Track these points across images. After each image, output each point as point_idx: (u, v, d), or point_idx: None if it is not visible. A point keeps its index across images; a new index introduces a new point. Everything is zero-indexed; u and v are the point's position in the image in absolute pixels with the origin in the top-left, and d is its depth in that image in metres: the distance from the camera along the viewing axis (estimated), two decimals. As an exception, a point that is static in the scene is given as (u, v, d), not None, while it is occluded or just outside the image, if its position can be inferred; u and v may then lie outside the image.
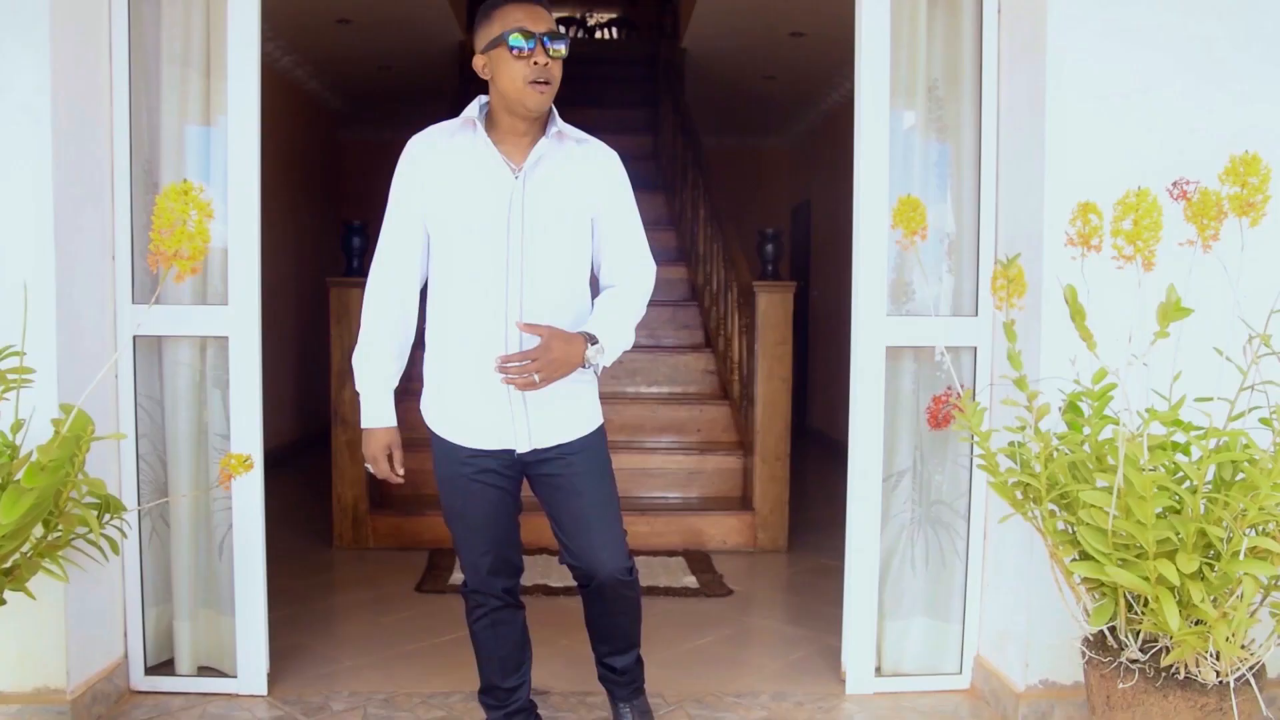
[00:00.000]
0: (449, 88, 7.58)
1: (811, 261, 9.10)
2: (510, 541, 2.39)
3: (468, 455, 2.30)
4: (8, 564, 2.06)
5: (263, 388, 2.92)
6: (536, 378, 2.12)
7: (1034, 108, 2.76)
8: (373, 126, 9.20)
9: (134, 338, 2.86)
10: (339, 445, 4.86)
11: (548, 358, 2.12)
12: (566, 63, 2.23)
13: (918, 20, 2.98)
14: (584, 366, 2.19)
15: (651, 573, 4.39)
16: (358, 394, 2.38)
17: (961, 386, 2.97)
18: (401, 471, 2.35)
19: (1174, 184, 2.13)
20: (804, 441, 7.61)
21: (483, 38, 2.20)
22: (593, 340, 2.18)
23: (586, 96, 6.66)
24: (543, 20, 2.16)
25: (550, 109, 2.26)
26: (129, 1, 2.81)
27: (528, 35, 2.12)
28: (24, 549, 2.10)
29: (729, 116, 8.94)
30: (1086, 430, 2.28)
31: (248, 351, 2.86)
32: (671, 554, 4.77)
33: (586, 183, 2.28)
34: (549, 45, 2.14)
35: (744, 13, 6.24)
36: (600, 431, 2.39)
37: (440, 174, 2.24)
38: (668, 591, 4.15)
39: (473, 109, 2.26)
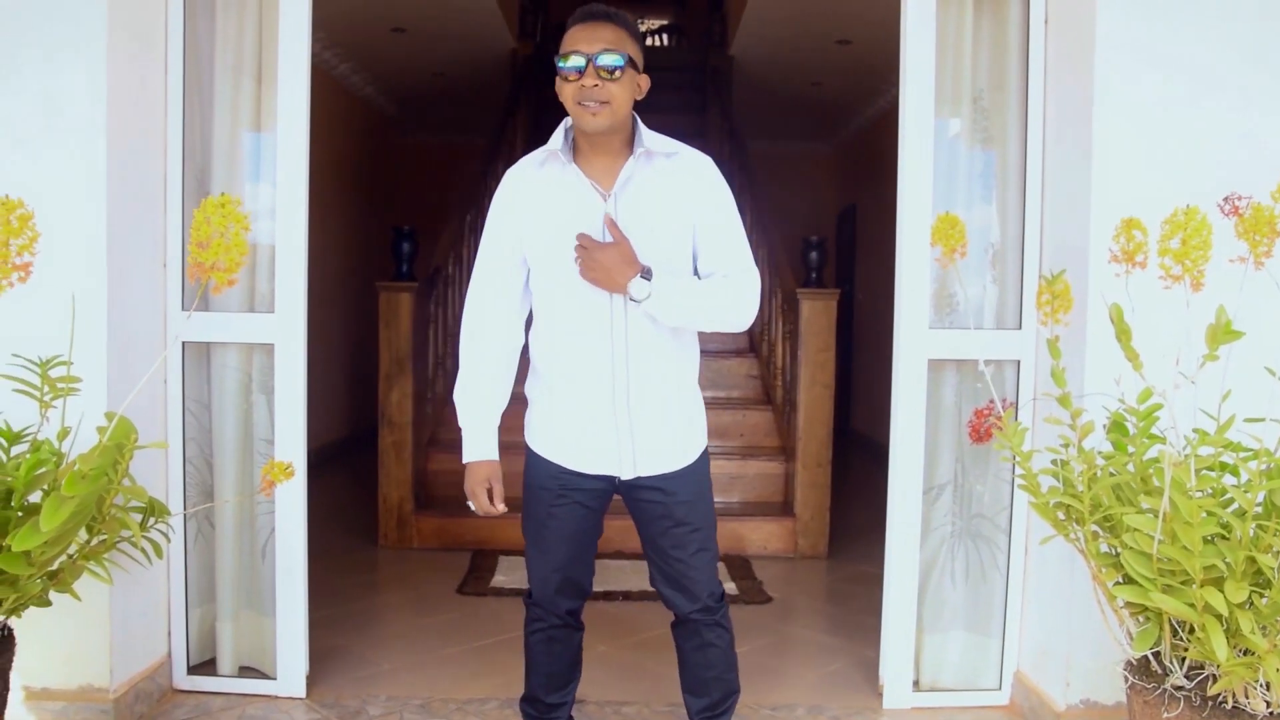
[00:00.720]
0: (501, 94, 7.64)
1: (857, 265, 9.03)
2: (584, 564, 2.36)
3: (561, 471, 2.26)
4: (52, 567, 2.10)
5: (314, 387, 2.96)
6: (577, 262, 2.10)
7: (1080, 119, 2.71)
8: (426, 131, 9.31)
9: (183, 344, 2.91)
10: (385, 446, 4.92)
11: (596, 257, 2.08)
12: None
13: (964, 31, 2.94)
14: (626, 296, 2.12)
15: (691, 580, 4.38)
16: (401, 395, 2.36)
17: (1004, 401, 2.93)
18: (502, 507, 2.25)
19: (1225, 199, 2.08)
20: (846, 443, 7.55)
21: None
22: (647, 276, 2.11)
23: (637, 101, 6.67)
24: (599, 40, 2.08)
25: (636, 125, 2.21)
26: (184, 15, 2.87)
27: (575, 57, 2.07)
28: (70, 552, 2.15)
29: (775, 122, 8.89)
30: (1131, 450, 2.23)
31: (293, 359, 2.90)
32: (712, 561, 4.75)
33: (680, 196, 2.20)
34: (599, 65, 2.07)
35: (791, 21, 6.21)
36: (704, 456, 2.35)
37: (533, 205, 2.20)
38: (707, 599, 4.14)
39: (558, 136, 2.20)
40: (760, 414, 5.62)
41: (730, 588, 4.31)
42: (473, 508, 2.27)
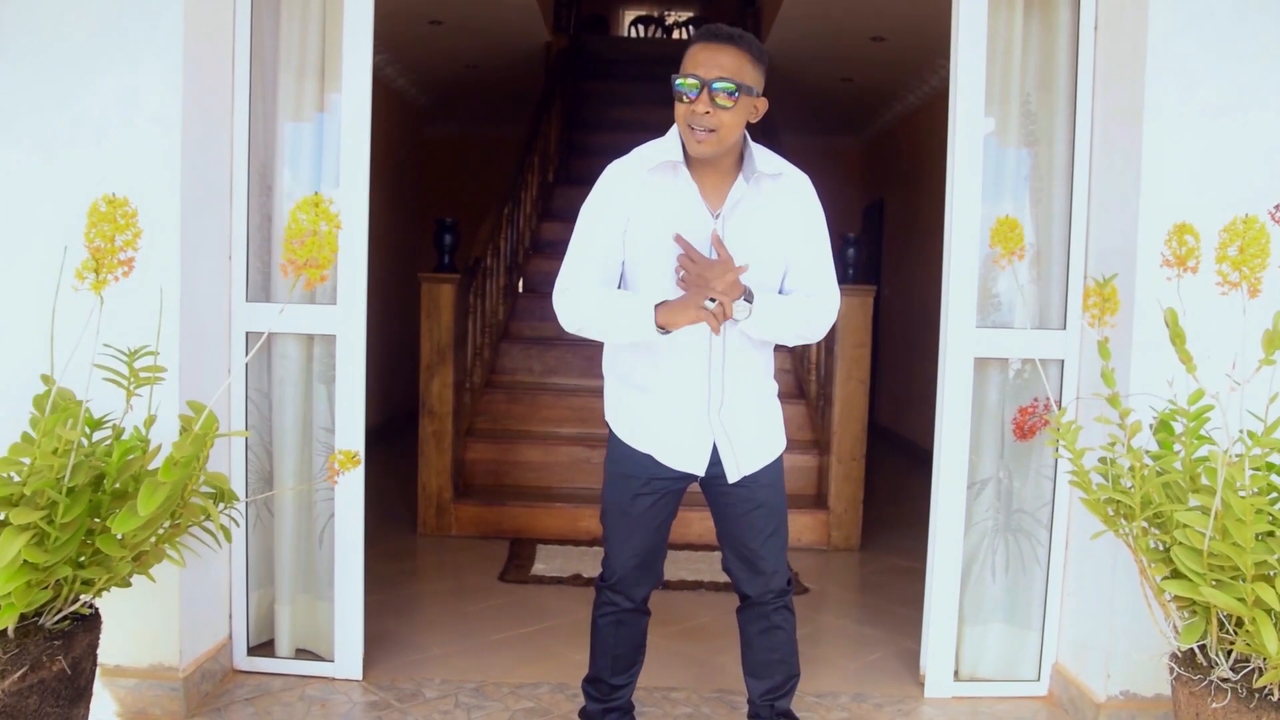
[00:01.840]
0: (535, 87, 7.70)
1: (883, 260, 9.05)
2: (661, 552, 2.45)
3: (650, 462, 2.31)
4: (139, 550, 2.19)
5: (363, 382, 3.04)
6: (681, 273, 2.13)
7: (1130, 125, 2.75)
8: (458, 123, 9.36)
9: (246, 334, 3.00)
10: (425, 435, 5.00)
11: (705, 275, 2.09)
12: (651, 64, 2.20)
13: (1013, 33, 2.99)
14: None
15: (727, 570, 4.45)
16: (441, 385, 2.37)
17: (1047, 401, 2.98)
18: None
19: (1276, 207, 2.13)
20: (871, 437, 7.59)
21: None
22: (749, 298, 2.14)
23: (666, 96, 6.73)
24: (717, 65, 2.08)
25: (746, 146, 2.22)
26: (251, 15, 2.95)
27: (690, 79, 2.08)
28: (152, 537, 2.24)
29: (804, 116, 8.91)
30: (1178, 449, 2.28)
31: (354, 349, 2.99)
32: (746, 552, 4.82)
33: (781, 221, 2.25)
34: (715, 92, 2.07)
35: (826, 18, 6.23)
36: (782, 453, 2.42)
37: (640, 206, 2.21)
38: (744, 590, 4.20)
39: (675, 143, 2.21)
40: (793, 407, 5.67)
41: (766, 578, 4.37)
42: (715, 310, 2.08)
